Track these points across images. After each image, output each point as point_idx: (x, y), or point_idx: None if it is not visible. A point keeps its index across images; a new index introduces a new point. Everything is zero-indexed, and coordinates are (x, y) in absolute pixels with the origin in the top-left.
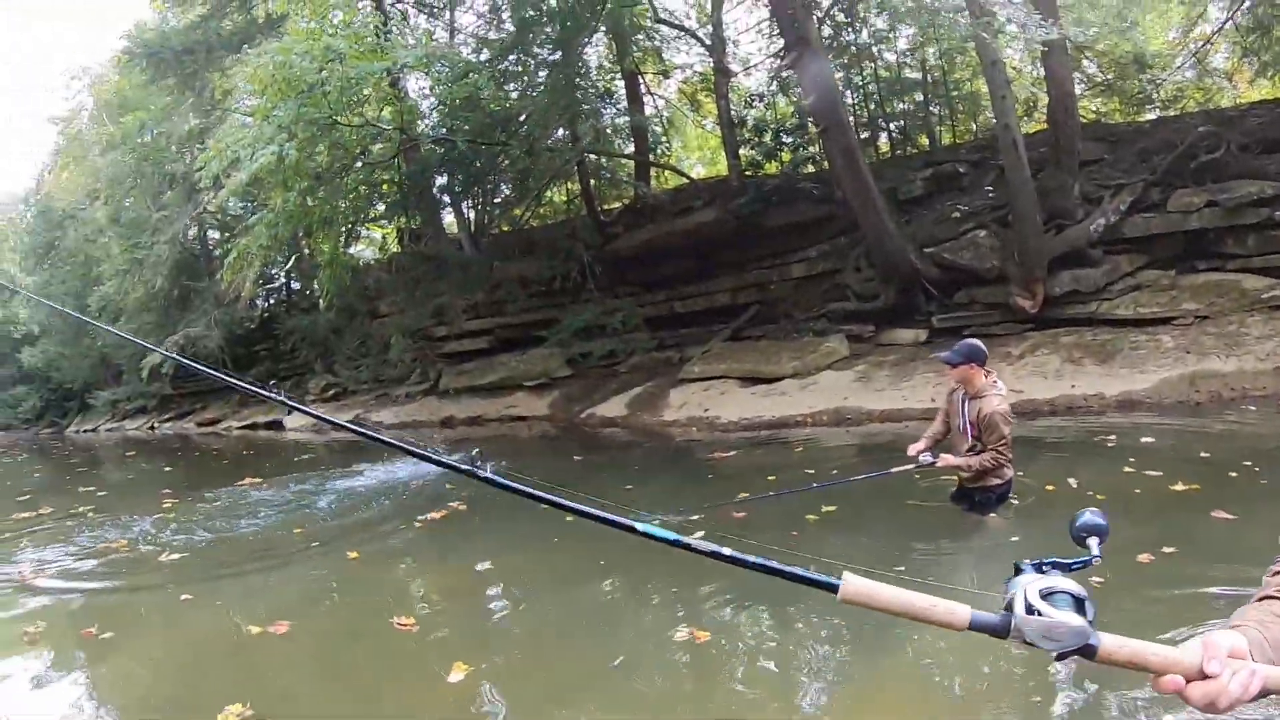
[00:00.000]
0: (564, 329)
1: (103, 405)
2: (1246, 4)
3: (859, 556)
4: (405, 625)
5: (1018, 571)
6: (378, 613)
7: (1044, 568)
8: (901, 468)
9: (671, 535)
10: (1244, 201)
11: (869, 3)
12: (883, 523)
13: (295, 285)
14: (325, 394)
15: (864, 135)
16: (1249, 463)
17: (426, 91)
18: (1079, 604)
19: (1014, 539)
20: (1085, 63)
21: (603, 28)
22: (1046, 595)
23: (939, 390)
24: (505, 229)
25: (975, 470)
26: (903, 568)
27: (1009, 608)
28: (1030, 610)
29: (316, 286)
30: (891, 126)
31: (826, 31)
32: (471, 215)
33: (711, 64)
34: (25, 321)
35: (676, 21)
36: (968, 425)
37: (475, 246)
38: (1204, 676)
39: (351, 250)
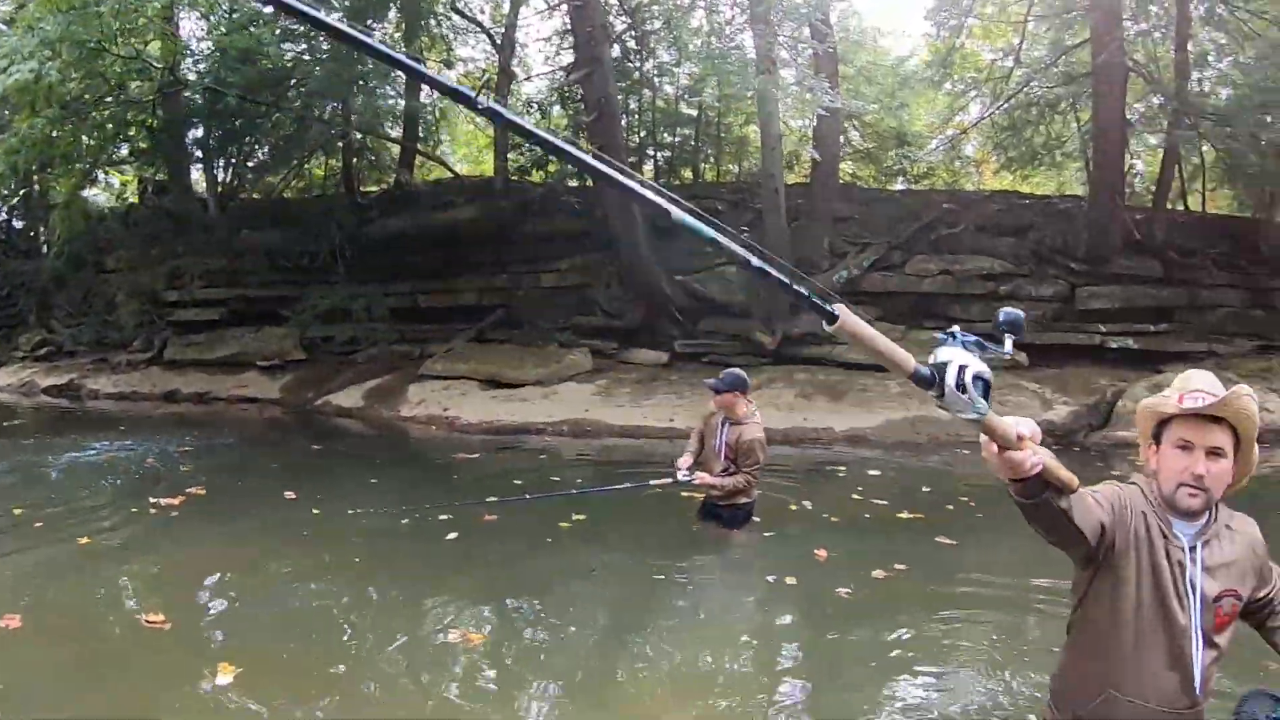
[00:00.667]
0: (307, 309)
1: None
2: (1005, 105)
3: (613, 564)
4: (155, 623)
5: (951, 338)
6: (121, 607)
7: (969, 345)
8: (661, 481)
9: (696, 225)
10: (974, 274)
11: (662, 36)
12: (634, 534)
13: (17, 225)
14: (36, 352)
15: (632, 160)
16: (965, 498)
17: (201, 35)
18: (987, 388)
19: (756, 551)
20: (851, 130)
21: (396, 5)
22: (975, 379)
23: (679, 411)
24: (256, 196)
25: (728, 490)
26: (661, 577)
27: (940, 370)
28: (959, 386)
29: (44, 230)
30: (659, 156)
31: (615, 53)
32: (222, 176)
33: (497, 63)
34: None
35: (470, 14)
36: (723, 447)
37: (221, 209)
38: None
39: (86, 194)
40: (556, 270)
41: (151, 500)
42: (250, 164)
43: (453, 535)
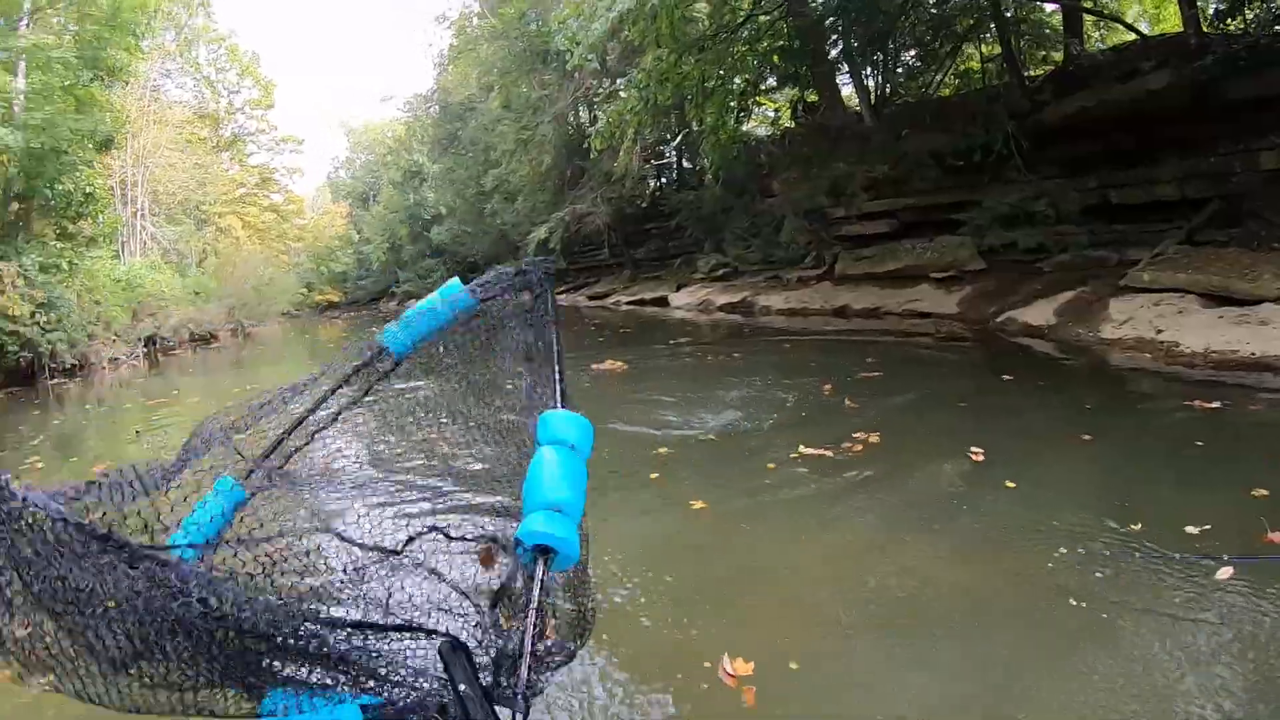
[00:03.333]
0: (982, 213)
1: None
2: None
3: None
4: (735, 676)
5: None
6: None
7: None
8: None
9: None
10: None
11: None
12: None
13: (686, 164)
14: (714, 274)
15: None
16: None
17: None
18: None
19: None
20: None
21: None
22: None
23: None
24: (910, 100)
25: None
26: None
27: None
28: None
29: (705, 161)
30: None
31: None
32: (872, 85)
33: None
34: (433, 204)
35: None
36: None
37: (876, 118)
38: None
39: (745, 128)
40: (1279, 147)
41: (805, 448)
42: (899, 68)
43: None
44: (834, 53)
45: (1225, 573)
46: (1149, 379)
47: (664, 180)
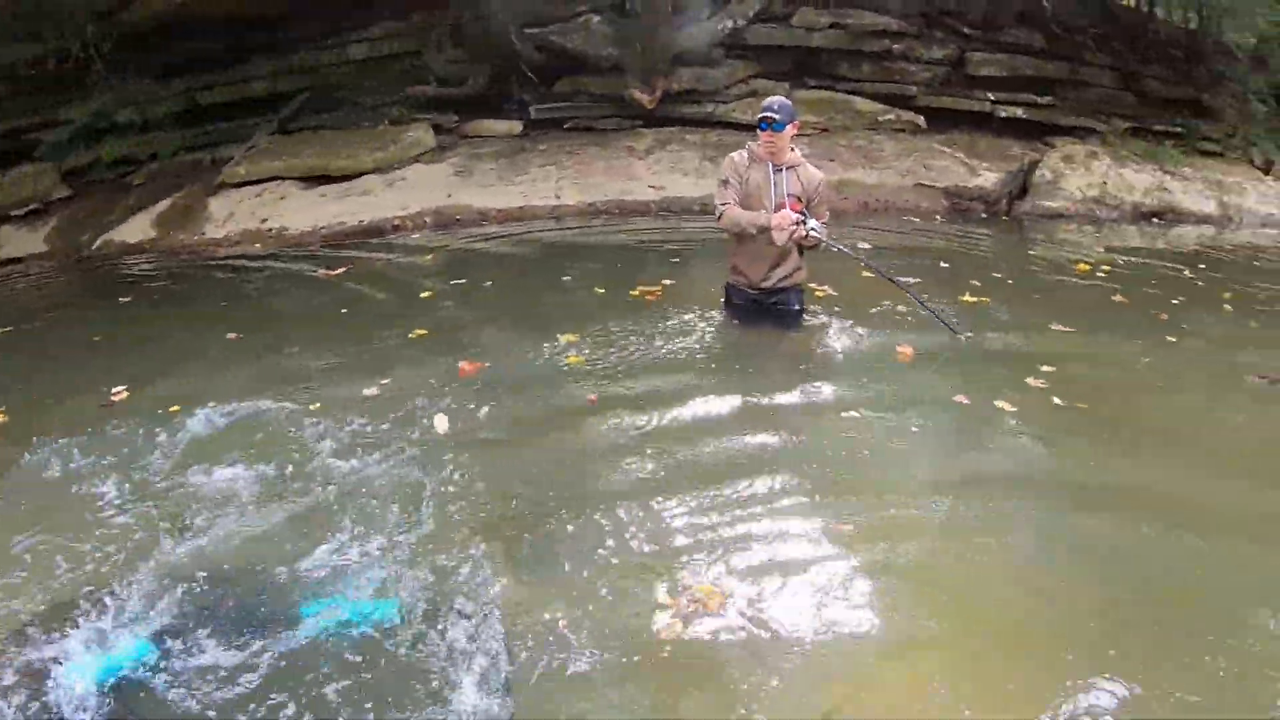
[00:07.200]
0: (63, 131)
1: None
2: None
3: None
4: None
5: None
6: None
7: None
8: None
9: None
10: (867, 30)
11: None
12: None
13: None
14: None
15: None
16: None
17: None
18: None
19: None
20: None
21: None
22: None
23: (564, 185)
24: None
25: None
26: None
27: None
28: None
29: None
30: None
31: None
32: None
33: None
34: None
35: None
36: (789, 199)
37: None
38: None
39: None
40: (367, 40)
41: None
42: None
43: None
44: None
45: None
46: (267, 267)
47: None
